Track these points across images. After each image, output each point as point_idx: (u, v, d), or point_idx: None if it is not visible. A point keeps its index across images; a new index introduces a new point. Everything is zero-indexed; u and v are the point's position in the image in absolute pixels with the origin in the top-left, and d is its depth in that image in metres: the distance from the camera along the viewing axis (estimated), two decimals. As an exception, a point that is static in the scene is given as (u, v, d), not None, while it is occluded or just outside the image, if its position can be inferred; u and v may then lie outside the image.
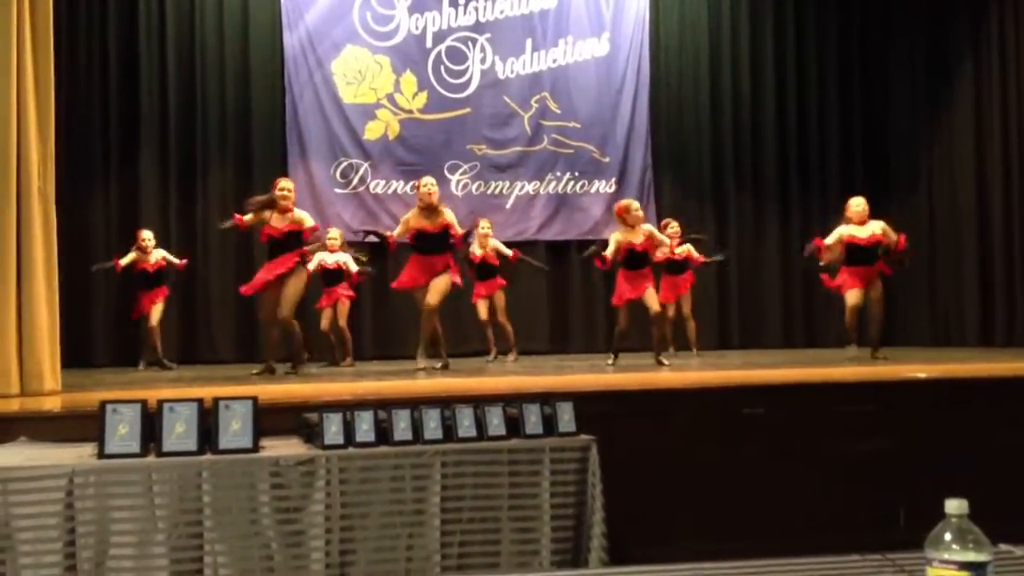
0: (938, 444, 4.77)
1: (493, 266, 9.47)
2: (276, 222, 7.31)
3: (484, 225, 9.51)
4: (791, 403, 4.94)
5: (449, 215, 7.79)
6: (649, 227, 8.38)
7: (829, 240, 8.21)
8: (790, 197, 12.11)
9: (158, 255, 9.22)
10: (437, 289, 7.63)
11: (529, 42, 11.62)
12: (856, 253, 8.14)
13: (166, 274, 9.26)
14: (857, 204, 8.25)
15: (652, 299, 8.04)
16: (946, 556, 1.47)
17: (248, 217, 7.39)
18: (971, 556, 1.46)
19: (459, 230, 7.83)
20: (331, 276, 9.24)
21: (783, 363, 7.89)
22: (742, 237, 12.00)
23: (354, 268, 9.28)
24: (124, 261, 9.16)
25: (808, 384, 5.54)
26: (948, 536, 1.48)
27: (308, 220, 7.49)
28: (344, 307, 9.38)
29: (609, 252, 7.98)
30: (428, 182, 7.83)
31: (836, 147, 12.25)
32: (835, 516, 4.53)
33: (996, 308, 10.29)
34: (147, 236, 9.26)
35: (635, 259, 8.04)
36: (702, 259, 10.02)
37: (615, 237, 8.09)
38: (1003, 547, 2.08)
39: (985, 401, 5.15)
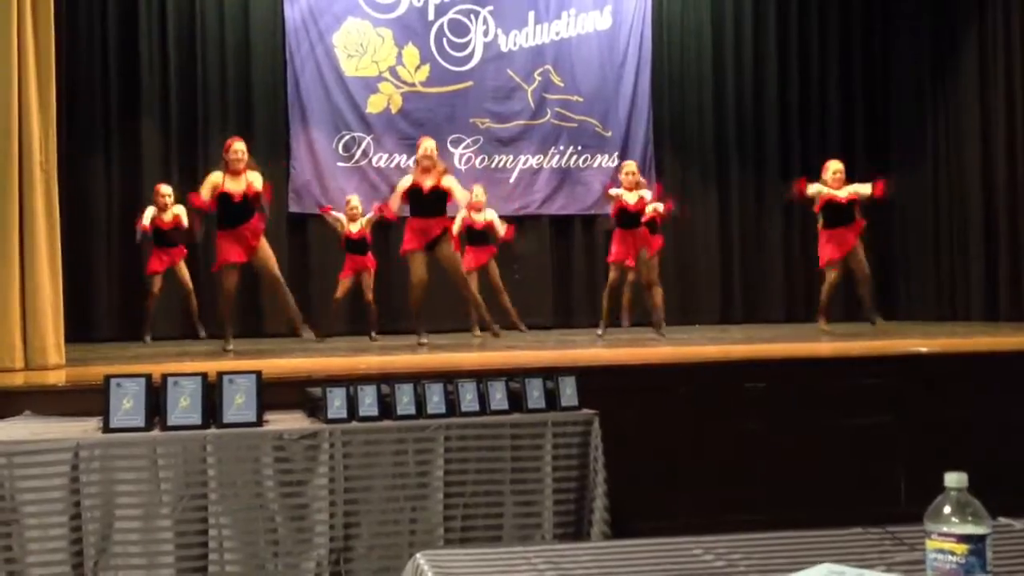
0: (939, 418, 4.78)
1: (483, 233, 9.23)
2: (230, 186, 7.06)
3: (478, 193, 9.25)
4: (793, 377, 4.95)
5: (448, 180, 7.62)
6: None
7: (811, 191, 8.31)
8: (792, 170, 12.03)
9: (175, 211, 8.75)
10: (457, 262, 7.79)
11: (532, 15, 11.53)
12: (835, 213, 8.20)
13: (183, 234, 8.87)
14: (836, 171, 8.28)
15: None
16: (945, 529, 1.48)
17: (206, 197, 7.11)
18: (970, 529, 1.47)
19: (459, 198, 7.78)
20: (355, 246, 9.00)
21: (785, 337, 7.90)
22: (744, 211, 11.97)
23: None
24: (147, 221, 8.70)
25: (810, 359, 5.56)
26: (948, 509, 1.49)
27: (259, 179, 7.21)
28: (369, 279, 9.16)
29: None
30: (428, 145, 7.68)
31: (839, 119, 12.17)
32: (836, 490, 4.56)
33: (1000, 282, 10.24)
34: (166, 191, 8.85)
35: (628, 218, 8.22)
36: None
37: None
38: (1002, 520, 2.09)
39: (986, 375, 5.15)
